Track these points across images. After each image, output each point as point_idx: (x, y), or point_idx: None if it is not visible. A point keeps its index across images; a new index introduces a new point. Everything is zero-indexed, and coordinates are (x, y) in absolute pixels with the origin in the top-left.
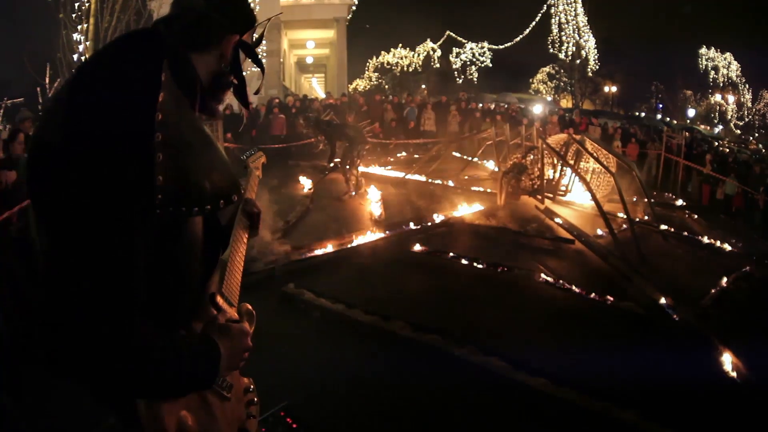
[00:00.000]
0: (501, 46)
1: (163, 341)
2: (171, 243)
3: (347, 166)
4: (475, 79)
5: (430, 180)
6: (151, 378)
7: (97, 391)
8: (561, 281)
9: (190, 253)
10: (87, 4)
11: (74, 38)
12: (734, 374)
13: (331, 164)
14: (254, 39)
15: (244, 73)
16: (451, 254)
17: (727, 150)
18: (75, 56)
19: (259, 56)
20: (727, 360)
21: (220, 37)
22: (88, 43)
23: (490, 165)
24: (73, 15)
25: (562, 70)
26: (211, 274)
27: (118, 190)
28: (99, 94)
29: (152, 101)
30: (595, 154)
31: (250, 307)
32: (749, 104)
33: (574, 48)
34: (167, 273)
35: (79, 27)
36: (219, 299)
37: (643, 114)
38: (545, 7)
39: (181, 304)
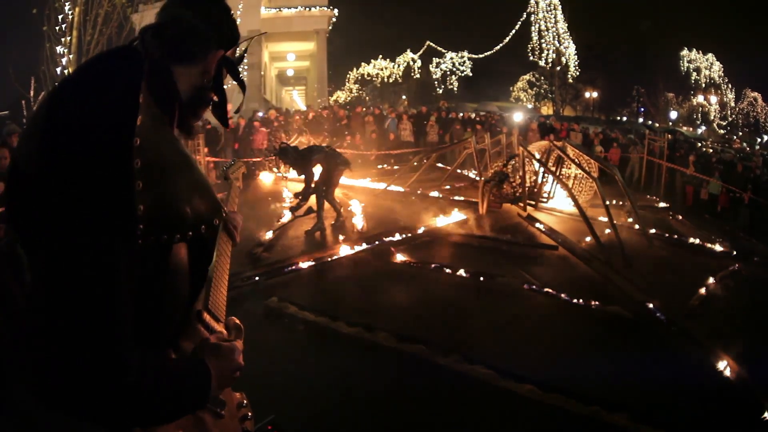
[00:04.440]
0: (481, 55)
1: (155, 368)
2: (155, 269)
3: (324, 192)
4: (455, 89)
5: (411, 190)
6: (145, 406)
7: (89, 420)
8: (545, 288)
9: (175, 276)
10: (70, 17)
11: (58, 51)
12: (724, 373)
13: (299, 208)
14: (237, 56)
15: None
16: (434, 264)
17: (711, 150)
18: (58, 69)
19: (240, 73)
20: (717, 359)
21: (206, 52)
22: (71, 56)
23: (472, 174)
24: (57, 28)
25: (542, 78)
26: (198, 291)
27: (98, 222)
28: (73, 121)
29: (129, 127)
30: (576, 160)
31: (237, 321)
32: (732, 104)
33: (554, 55)
34: (154, 298)
35: (62, 40)
36: (206, 316)
37: (624, 118)
38: (525, 15)
39: (169, 326)
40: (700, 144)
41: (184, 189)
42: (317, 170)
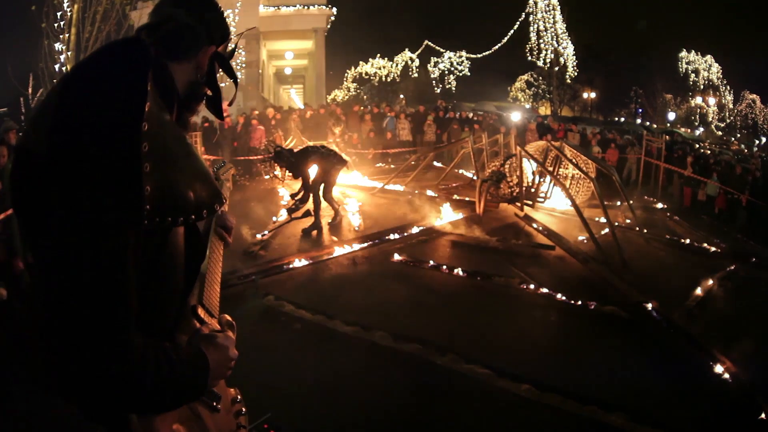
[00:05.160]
0: (479, 55)
1: (157, 354)
2: (155, 254)
3: (320, 193)
4: (453, 88)
5: (408, 189)
6: (146, 392)
7: (89, 406)
8: (542, 287)
9: (173, 263)
10: (69, 14)
11: (56, 48)
12: (721, 374)
13: (296, 210)
14: (228, 51)
15: (221, 85)
16: (431, 263)
17: (709, 152)
18: (57, 66)
19: (234, 68)
20: (714, 360)
21: (198, 48)
22: (69, 53)
23: (469, 174)
24: (55, 25)
25: (540, 78)
26: (192, 285)
27: (107, 201)
28: (85, 104)
29: (139, 112)
30: (574, 160)
31: (229, 317)
32: (731, 105)
33: (552, 55)
34: (151, 284)
35: (61, 37)
36: (200, 310)
37: (622, 119)
38: (523, 15)
39: (166, 316)
40: (698, 145)
41: (187, 175)
42: (314, 170)
